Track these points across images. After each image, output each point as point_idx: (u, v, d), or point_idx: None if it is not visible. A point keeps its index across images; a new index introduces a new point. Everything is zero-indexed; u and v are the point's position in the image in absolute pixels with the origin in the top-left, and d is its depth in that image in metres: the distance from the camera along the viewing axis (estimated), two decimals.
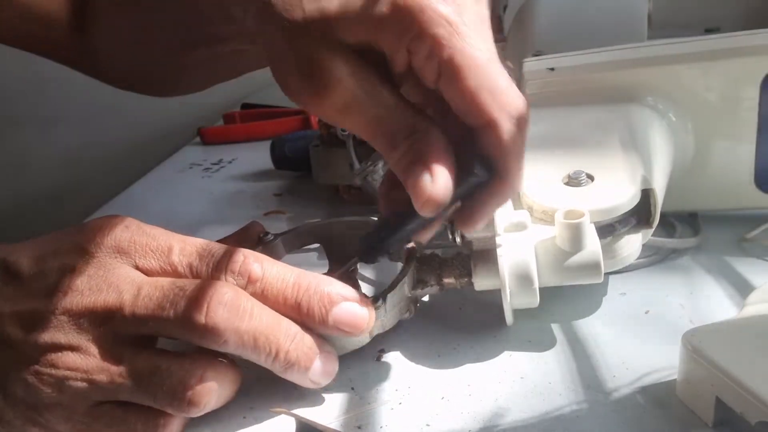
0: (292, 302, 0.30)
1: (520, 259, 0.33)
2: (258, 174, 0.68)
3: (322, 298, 0.30)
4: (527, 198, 0.36)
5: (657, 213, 0.36)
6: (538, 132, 0.42)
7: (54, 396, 0.27)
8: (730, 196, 0.44)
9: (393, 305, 0.33)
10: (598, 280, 0.33)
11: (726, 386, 0.26)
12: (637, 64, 0.42)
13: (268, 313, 0.29)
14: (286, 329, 0.30)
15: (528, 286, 0.33)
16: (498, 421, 0.29)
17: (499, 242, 0.33)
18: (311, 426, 0.29)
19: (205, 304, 0.27)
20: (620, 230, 0.35)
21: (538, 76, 0.44)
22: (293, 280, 0.30)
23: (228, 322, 0.28)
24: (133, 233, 0.30)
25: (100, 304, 0.28)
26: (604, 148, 0.39)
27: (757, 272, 0.39)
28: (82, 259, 0.29)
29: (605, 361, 0.32)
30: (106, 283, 0.28)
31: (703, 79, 0.42)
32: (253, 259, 0.30)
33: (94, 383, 0.27)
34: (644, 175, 0.36)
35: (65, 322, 0.28)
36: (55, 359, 0.27)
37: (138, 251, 0.29)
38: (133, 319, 0.28)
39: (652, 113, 0.42)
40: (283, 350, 0.29)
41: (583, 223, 0.32)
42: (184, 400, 0.28)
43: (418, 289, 0.35)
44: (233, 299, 0.28)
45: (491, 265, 0.34)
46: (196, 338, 0.28)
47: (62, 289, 0.28)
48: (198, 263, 0.30)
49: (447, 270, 0.35)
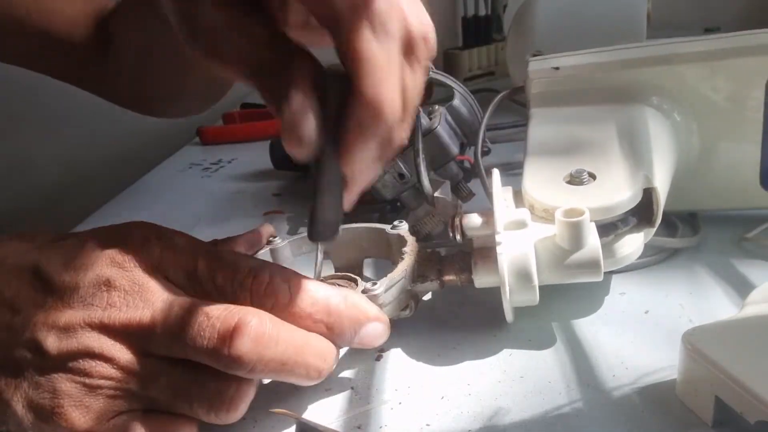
0: (321, 326, 0.30)
1: (520, 256, 0.33)
2: (257, 174, 0.68)
3: (353, 322, 0.30)
4: (528, 196, 0.36)
5: (659, 212, 0.36)
6: (541, 131, 0.42)
7: (88, 402, 0.27)
8: (736, 196, 0.44)
9: (393, 296, 0.33)
10: (598, 278, 0.33)
11: (725, 386, 0.26)
12: (643, 63, 0.42)
13: (295, 335, 0.29)
14: (316, 349, 0.29)
15: (528, 284, 0.33)
16: (498, 421, 0.29)
17: (499, 240, 0.33)
18: (311, 426, 0.29)
19: (227, 335, 0.27)
20: (621, 229, 0.35)
21: (543, 75, 0.44)
22: (323, 303, 0.30)
23: (252, 353, 0.27)
24: (163, 247, 0.30)
25: (136, 320, 0.28)
26: (607, 148, 0.39)
27: (757, 272, 0.39)
28: (116, 274, 0.28)
29: (605, 361, 0.32)
30: (142, 299, 0.28)
31: (709, 79, 0.41)
32: (281, 279, 0.30)
33: (130, 392, 0.28)
34: (646, 174, 0.36)
35: (101, 334, 0.28)
36: (89, 368, 0.27)
37: (167, 267, 0.29)
38: (164, 341, 0.28)
39: (656, 113, 0.42)
40: (316, 371, 0.29)
41: (583, 222, 0.32)
42: (222, 411, 0.28)
43: (418, 283, 0.35)
44: (257, 327, 0.27)
45: (491, 263, 0.34)
46: (222, 367, 0.28)
47: (99, 304, 0.28)
48: (222, 282, 0.29)
49: (447, 266, 0.36)
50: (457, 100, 0.46)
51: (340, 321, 0.30)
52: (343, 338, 0.30)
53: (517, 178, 0.39)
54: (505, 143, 0.61)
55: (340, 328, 0.30)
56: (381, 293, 0.33)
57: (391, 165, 0.43)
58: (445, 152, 0.44)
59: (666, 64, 0.42)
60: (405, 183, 0.44)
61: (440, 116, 0.44)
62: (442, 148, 0.44)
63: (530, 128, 0.42)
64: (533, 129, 0.42)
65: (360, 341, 0.31)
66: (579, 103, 0.43)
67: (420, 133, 0.42)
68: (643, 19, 0.71)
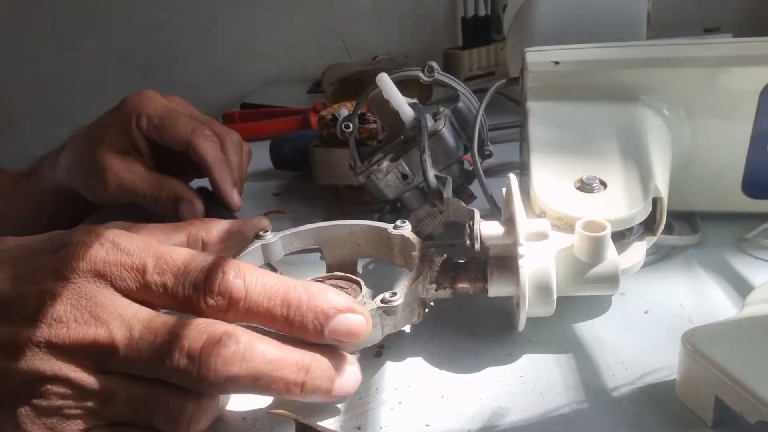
0: (282, 322, 0.29)
1: (542, 270, 0.32)
2: (257, 174, 0.68)
3: (316, 315, 0.29)
4: (540, 202, 0.36)
5: (663, 221, 0.36)
6: (543, 130, 0.42)
7: (43, 422, 0.26)
8: (720, 199, 0.44)
9: (407, 304, 0.33)
10: (615, 292, 0.33)
11: (725, 386, 0.26)
12: (642, 63, 0.42)
13: (268, 350, 0.28)
14: (296, 363, 0.28)
15: (547, 297, 0.32)
16: (498, 421, 0.29)
17: (522, 252, 0.32)
18: (310, 427, 0.29)
19: (196, 355, 0.26)
20: (629, 238, 0.35)
21: (542, 69, 0.43)
22: (281, 297, 0.29)
23: (222, 371, 0.26)
24: (108, 251, 0.28)
25: (90, 338, 0.27)
26: (612, 151, 0.38)
27: (757, 272, 0.39)
28: (60, 285, 0.27)
29: (605, 361, 0.32)
30: (92, 315, 0.27)
31: (706, 84, 0.42)
32: (234, 274, 0.28)
33: (88, 410, 0.27)
34: (655, 183, 0.36)
35: (49, 353, 0.26)
36: (45, 391, 0.26)
37: (113, 273, 0.28)
38: (128, 361, 0.27)
39: (652, 113, 0.42)
40: (295, 385, 0.28)
41: (606, 236, 0.32)
42: (183, 422, 0.27)
43: (431, 291, 0.34)
44: (226, 346, 0.27)
45: (509, 273, 0.33)
46: (192, 386, 0.27)
47: (44, 320, 0.27)
48: (173, 284, 0.28)
49: (461, 274, 0.34)
50: (462, 102, 0.46)
51: (302, 315, 0.29)
52: (307, 333, 0.29)
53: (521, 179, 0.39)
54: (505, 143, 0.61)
55: (301, 323, 0.29)
56: (401, 305, 0.31)
57: (395, 165, 0.43)
58: (449, 154, 0.44)
59: (666, 66, 0.42)
60: (408, 184, 0.44)
61: (445, 118, 0.44)
62: (447, 149, 0.44)
63: (530, 125, 0.42)
64: (534, 127, 0.42)
65: (333, 336, 0.29)
66: (575, 99, 0.43)
67: (426, 133, 0.42)
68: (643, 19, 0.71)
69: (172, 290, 0.28)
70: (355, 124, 0.47)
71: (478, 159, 0.44)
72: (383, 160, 0.44)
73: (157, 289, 0.28)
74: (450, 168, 0.45)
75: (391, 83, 0.44)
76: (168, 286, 0.28)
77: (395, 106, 0.44)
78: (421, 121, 0.42)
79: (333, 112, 0.55)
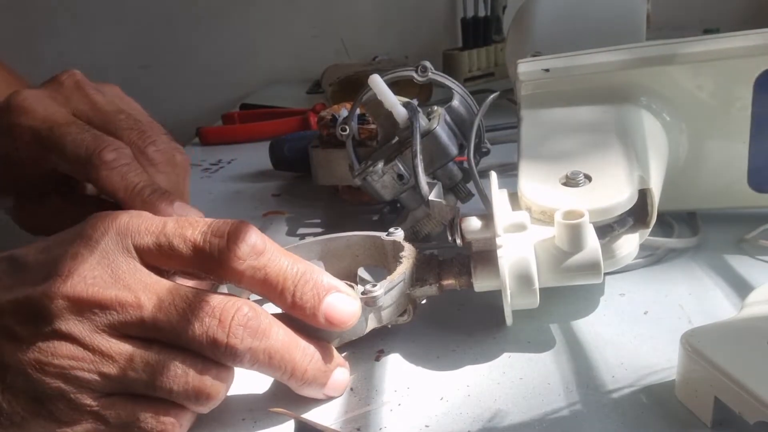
0: (289, 286, 0.30)
1: (521, 260, 0.33)
2: (257, 174, 0.68)
3: (316, 285, 0.30)
4: (525, 198, 0.36)
5: (654, 213, 0.36)
6: (534, 133, 0.42)
7: (58, 386, 0.27)
8: (725, 196, 0.44)
9: (392, 299, 0.33)
10: (598, 280, 0.33)
11: (725, 386, 0.26)
12: (630, 65, 0.43)
13: (284, 332, 0.29)
14: (303, 349, 0.30)
15: (528, 287, 0.33)
16: (497, 422, 0.29)
17: (500, 243, 0.33)
18: (310, 427, 0.29)
19: (227, 324, 0.27)
20: (618, 230, 0.35)
21: (533, 77, 0.44)
22: (290, 263, 0.30)
23: (246, 343, 0.28)
24: (132, 216, 0.30)
25: (111, 298, 0.27)
26: (601, 149, 0.39)
27: (756, 272, 0.39)
28: (84, 245, 0.28)
29: (604, 362, 0.32)
30: (114, 278, 0.28)
31: (696, 80, 0.42)
32: (253, 229, 0.30)
33: (104, 375, 0.27)
34: (641, 174, 0.36)
35: (64, 309, 0.27)
36: (56, 349, 0.27)
37: (134, 230, 0.29)
38: (152, 326, 0.27)
39: (646, 113, 0.42)
40: (300, 370, 0.30)
41: (583, 224, 0.32)
42: (202, 393, 0.28)
43: (417, 287, 0.35)
44: (252, 319, 0.28)
45: (491, 266, 0.34)
46: (212, 355, 0.28)
47: (61, 274, 0.27)
48: (192, 232, 0.29)
49: (446, 271, 0.35)
50: (456, 101, 0.46)
51: (303, 284, 0.30)
52: (304, 307, 0.30)
53: (512, 180, 0.39)
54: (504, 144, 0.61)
55: (301, 292, 0.30)
56: (380, 295, 0.32)
57: (390, 167, 0.43)
58: (444, 153, 0.44)
59: (654, 65, 0.42)
60: (404, 184, 0.44)
61: (439, 117, 0.44)
62: (441, 148, 0.44)
63: (522, 130, 0.42)
64: (525, 131, 0.42)
65: (326, 314, 0.30)
66: (569, 104, 0.43)
67: (418, 134, 0.42)
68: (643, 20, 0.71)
69: (192, 238, 0.29)
70: (351, 127, 0.47)
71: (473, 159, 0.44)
72: (378, 161, 0.44)
73: (175, 239, 0.29)
74: (446, 167, 0.45)
75: (383, 84, 0.44)
76: (186, 236, 0.29)
77: (388, 107, 0.44)
78: (414, 122, 0.42)
79: (332, 113, 0.55)
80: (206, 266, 0.29)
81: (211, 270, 0.29)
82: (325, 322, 0.30)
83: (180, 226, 0.30)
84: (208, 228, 0.29)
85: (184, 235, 0.29)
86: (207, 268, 0.29)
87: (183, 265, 0.30)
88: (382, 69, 0.46)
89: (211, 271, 0.29)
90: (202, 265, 0.29)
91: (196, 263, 0.29)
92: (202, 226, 0.30)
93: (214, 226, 0.30)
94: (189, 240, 0.29)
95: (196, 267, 0.30)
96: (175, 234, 0.29)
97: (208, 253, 0.29)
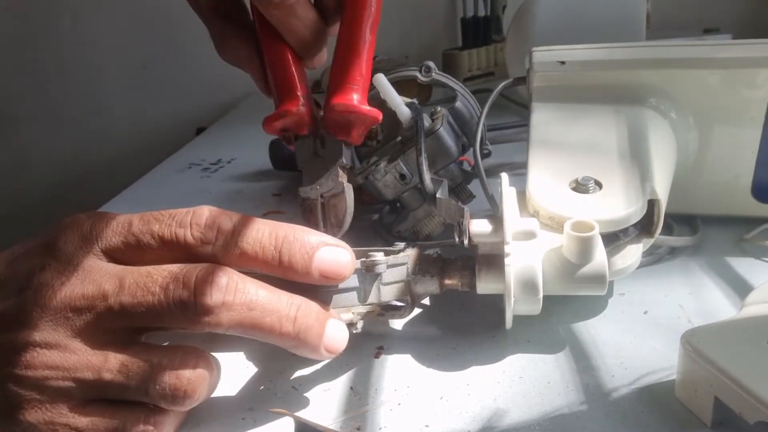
0: (271, 252, 0.29)
1: (528, 268, 0.32)
2: (257, 174, 0.68)
3: (303, 245, 0.29)
4: (534, 202, 0.36)
5: (660, 223, 0.36)
6: (544, 130, 0.42)
7: (34, 397, 0.26)
8: (728, 203, 0.44)
9: (393, 277, 0.33)
10: (602, 292, 0.33)
11: (725, 386, 0.26)
12: (650, 64, 0.42)
13: (261, 285, 0.28)
14: (288, 298, 0.29)
15: (533, 296, 0.32)
16: (497, 422, 0.29)
17: (508, 251, 0.32)
18: (310, 426, 0.29)
19: (191, 284, 0.27)
20: (623, 240, 0.35)
21: (548, 69, 0.43)
22: (268, 230, 0.29)
23: (216, 297, 0.27)
24: (94, 219, 0.29)
25: (78, 295, 0.27)
26: (612, 153, 0.38)
27: (756, 272, 0.39)
28: (49, 255, 0.28)
29: (604, 362, 0.32)
30: (79, 276, 0.27)
31: (714, 86, 0.41)
32: (219, 211, 0.29)
33: (79, 381, 0.26)
34: (652, 185, 0.36)
35: (38, 318, 0.26)
36: (32, 359, 0.26)
37: (99, 233, 0.29)
38: (120, 310, 0.27)
39: (658, 117, 0.42)
40: (288, 319, 0.28)
41: (594, 237, 0.32)
42: (179, 393, 0.27)
43: (419, 275, 0.34)
44: (218, 275, 0.27)
45: (497, 271, 0.33)
46: (189, 323, 0.27)
47: (31, 286, 0.27)
48: (158, 227, 0.29)
49: (449, 270, 0.35)
50: (459, 102, 0.46)
51: (288, 246, 0.29)
52: (295, 268, 0.29)
53: (518, 179, 0.39)
54: (505, 144, 0.61)
55: (288, 254, 0.29)
56: (382, 261, 0.32)
57: (393, 166, 0.43)
58: (446, 154, 0.44)
59: (676, 68, 0.42)
60: (406, 184, 0.44)
61: (442, 118, 0.44)
62: (444, 149, 0.44)
63: (532, 126, 0.42)
64: (536, 127, 0.41)
65: (318, 269, 0.29)
66: (581, 101, 0.42)
67: (422, 133, 0.42)
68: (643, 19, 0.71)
69: (159, 232, 0.29)
70: None
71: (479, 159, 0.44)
72: (381, 160, 0.44)
73: (143, 237, 0.29)
74: (448, 168, 0.45)
75: (387, 83, 0.44)
76: (154, 231, 0.29)
77: (392, 107, 0.44)
78: (417, 121, 0.42)
79: None
80: (179, 256, 0.29)
81: (186, 259, 0.29)
82: (320, 278, 0.29)
83: (144, 220, 0.29)
84: (171, 218, 0.29)
85: (150, 230, 0.29)
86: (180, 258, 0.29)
87: (150, 261, 0.29)
88: (382, 69, 0.46)
89: (188, 260, 0.29)
90: (174, 256, 0.29)
91: (165, 256, 0.29)
92: (165, 215, 0.29)
93: (178, 217, 0.29)
94: (155, 234, 0.29)
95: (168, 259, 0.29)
96: (140, 230, 0.29)
97: (176, 243, 0.29)
